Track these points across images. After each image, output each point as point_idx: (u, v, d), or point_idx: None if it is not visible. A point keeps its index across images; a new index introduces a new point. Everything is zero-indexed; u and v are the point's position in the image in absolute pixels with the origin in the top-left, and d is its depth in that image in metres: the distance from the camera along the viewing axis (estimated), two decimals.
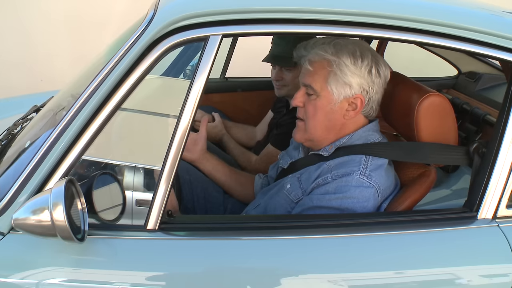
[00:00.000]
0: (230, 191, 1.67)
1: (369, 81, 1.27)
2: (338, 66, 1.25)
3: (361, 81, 1.27)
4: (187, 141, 1.37)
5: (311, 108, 1.30)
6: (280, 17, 1.06)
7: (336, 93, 1.27)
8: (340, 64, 1.25)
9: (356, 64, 1.26)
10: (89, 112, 1.04)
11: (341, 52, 1.26)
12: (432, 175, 1.29)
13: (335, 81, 1.26)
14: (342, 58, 1.25)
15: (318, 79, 1.27)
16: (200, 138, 1.58)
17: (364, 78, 1.27)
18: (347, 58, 1.25)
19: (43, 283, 1.03)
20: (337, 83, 1.26)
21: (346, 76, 1.25)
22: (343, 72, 1.25)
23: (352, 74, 1.25)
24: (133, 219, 1.11)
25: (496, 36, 1.12)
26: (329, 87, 1.27)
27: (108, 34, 2.62)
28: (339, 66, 1.25)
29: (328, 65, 1.26)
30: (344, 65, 1.25)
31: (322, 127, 1.31)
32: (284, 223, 1.21)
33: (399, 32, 1.10)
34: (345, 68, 1.25)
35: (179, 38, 1.04)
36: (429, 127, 1.27)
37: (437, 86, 2.47)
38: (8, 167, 1.17)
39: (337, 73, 1.25)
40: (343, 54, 1.26)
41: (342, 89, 1.26)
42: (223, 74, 2.56)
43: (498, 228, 1.16)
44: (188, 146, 1.53)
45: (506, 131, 1.14)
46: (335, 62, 1.25)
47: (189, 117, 1.05)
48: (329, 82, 1.26)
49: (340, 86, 1.26)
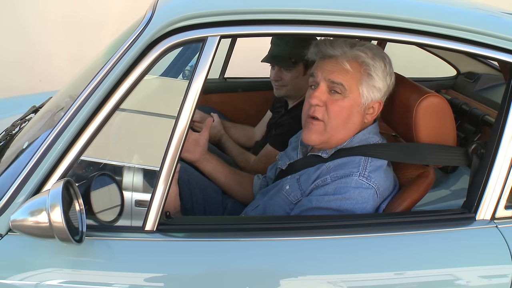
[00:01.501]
0: (230, 192, 1.67)
1: (389, 88, 1.31)
2: (374, 70, 1.26)
3: (385, 87, 1.29)
4: (188, 142, 1.37)
5: (336, 108, 1.27)
6: (278, 18, 1.06)
7: (365, 96, 1.27)
8: (376, 68, 1.26)
9: (385, 70, 1.28)
10: (88, 113, 1.04)
11: (376, 57, 1.28)
12: (431, 176, 1.30)
13: (367, 84, 1.27)
14: (378, 62, 1.27)
15: (350, 79, 1.26)
16: (202, 139, 1.57)
17: (387, 84, 1.30)
18: (380, 63, 1.27)
19: (41, 284, 1.03)
20: (368, 87, 1.27)
21: (377, 81, 1.27)
22: (377, 76, 1.27)
23: (381, 79, 1.28)
24: (133, 219, 1.10)
25: (495, 37, 1.12)
26: (360, 89, 1.27)
27: (106, 35, 2.63)
28: (374, 70, 1.26)
29: (363, 68, 1.27)
30: (379, 69, 1.27)
31: (343, 129, 1.30)
32: (283, 224, 1.21)
33: (398, 33, 1.10)
34: (379, 72, 1.27)
35: (178, 39, 1.04)
36: (427, 127, 1.27)
37: (436, 86, 2.46)
38: (6, 168, 1.17)
39: (370, 77, 1.26)
40: (378, 58, 1.28)
41: (372, 92, 1.28)
42: (222, 74, 2.56)
43: (496, 229, 1.16)
44: (189, 147, 1.52)
45: (505, 132, 1.15)
46: (371, 66, 1.26)
47: (188, 117, 1.05)
48: (362, 84, 1.26)
49: (370, 89, 1.27)
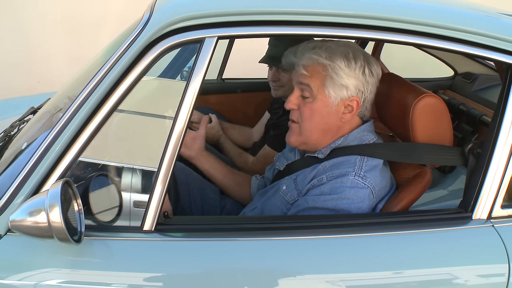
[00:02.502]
0: (227, 191, 1.68)
1: (363, 82, 1.28)
2: (334, 70, 1.25)
3: (357, 83, 1.27)
4: (186, 138, 1.37)
5: (306, 111, 1.30)
6: (275, 19, 1.06)
7: (333, 96, 1.27)
8: (335, 67, 1.25)
9: (350, 66, 1.26)
10: (86, 114, 1.04)
11: (334, 56, 1.26)
12: (428, 176, 1.30)
13: (332, 84, 1.26)
14: (336, 61, 1.26)
15: (315, 82, 1.27)
16: (199, 137, 1.59)
17: (359, 80, 1.27)
18: (341, 61, 1.26)
19: (39, 284, 1.03)
20: (334, 86, 1.26)
21: (342, 79, 1.25)
22: (339, 75, 1.25)
23: (348, 76, 1.26)
24: (131, 220, 1.10)
25: (491, 38, 1.13)
26: (326, 90, 1.26)
27: (105, 35, 2.63)
28: (334, 70, 1.25)
29: (323, 69, 1.26)
30: (339, 68, 1.25)
31: (318, 130, 1.31)
32: (281, 224, 1.21)
33: (395, 34, 1.10)
34: (340, 71, 1.25)
35: (175, 40, 1.04)
36: (424, 128, 1.28)
37: (433, 87, 2.47)
38: (5, 169, 1.17)
39: (333, 77, 1.25)
40: (337, 57, 1.26)
41: (339, 91, 1.26)
42: (220, 75, 2.56)
43: (493, 228, 1.17)
44: (186, 142, 1.54)
45: (501, 132, 1.15)
46: (330, 66, 1.25)
47: (185, 118, 1.05)
48: (326, 85, 1.26)
49: (337, 89, 1.26)
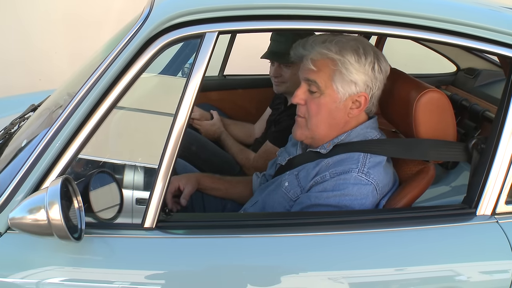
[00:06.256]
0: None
1: (372, 78, 1.27)
2: (343, 65, 1.24)
3: (366, 79, 1.26)
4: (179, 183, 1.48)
5: (314, 106, 1.28)
6: (277, 13, 1.05)
7: (341, 91, 1.25)
8: (345, 62, 1.24)
9: (360, 62, 1.25)
10: (86, 111, 1.03)
11: (344, 50, 1.25)
12: (431, 172, 1.29)
13: (341, 79, 1.25)
14: (346, 56, 1.24)
15: (323, 77, 1.26)
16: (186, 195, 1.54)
17: (368, 75, 1.26)
18: (351, 56, 1.24)
19: (40, 282, 1.03)
20: (343, 82, 1.25)
21: (352, 74, 1.24)
22: (348, 70, 1.24)
23: (357, 71, 1.24)
24: (133, 217, 1.10)
25: (495, 32, 1.12)
26: (334, 85, 1.25)
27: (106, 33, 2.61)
28: (344, 65, 1.24)
29: (332, 64, 1.25)
30: (349, 63, 1.24)
31: (325, 125, 1.30)
32: (283, 220, 1.21)
33: (397, 28, 1.09)
34: (350, 66, 1.24)
35: (175, 36, 1.03)
36: (427, 123, 1.27)
37: (436, 82, 2.46)
38: (5, 166, 1.17)
39: (342, 72, 1.24)
40: (347, 52, 1.25)
41: (348, 87, 1.25)
42: (221, 71, 2.55)
43: (497, 224, 1.16)
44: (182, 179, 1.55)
45: (505, 127, 1.14)
46: (340, 61, 1.24)
47: (186, 115, 1.04)
48: (334, 80, 1.25)
49: (345, 84, 1.25)
